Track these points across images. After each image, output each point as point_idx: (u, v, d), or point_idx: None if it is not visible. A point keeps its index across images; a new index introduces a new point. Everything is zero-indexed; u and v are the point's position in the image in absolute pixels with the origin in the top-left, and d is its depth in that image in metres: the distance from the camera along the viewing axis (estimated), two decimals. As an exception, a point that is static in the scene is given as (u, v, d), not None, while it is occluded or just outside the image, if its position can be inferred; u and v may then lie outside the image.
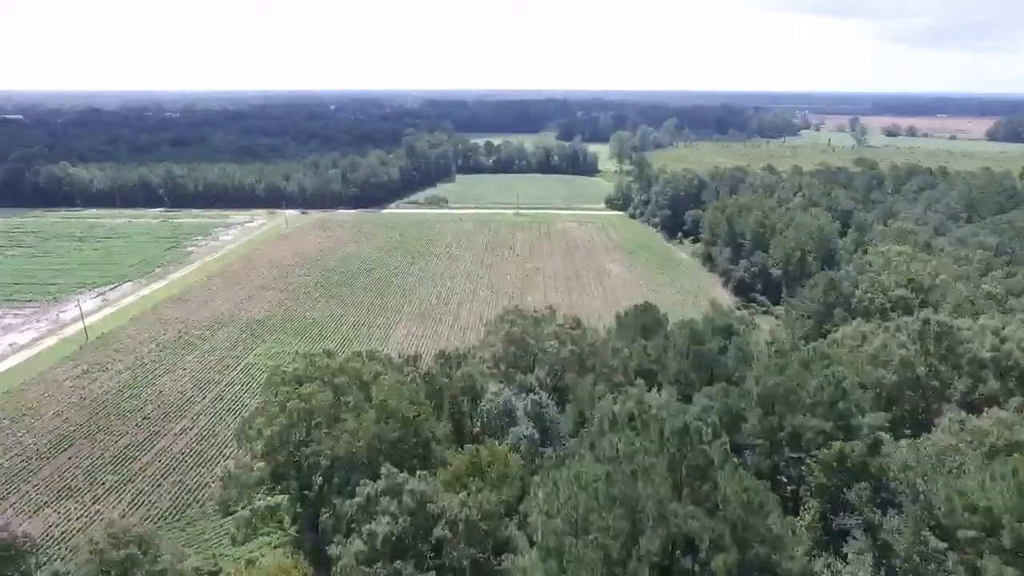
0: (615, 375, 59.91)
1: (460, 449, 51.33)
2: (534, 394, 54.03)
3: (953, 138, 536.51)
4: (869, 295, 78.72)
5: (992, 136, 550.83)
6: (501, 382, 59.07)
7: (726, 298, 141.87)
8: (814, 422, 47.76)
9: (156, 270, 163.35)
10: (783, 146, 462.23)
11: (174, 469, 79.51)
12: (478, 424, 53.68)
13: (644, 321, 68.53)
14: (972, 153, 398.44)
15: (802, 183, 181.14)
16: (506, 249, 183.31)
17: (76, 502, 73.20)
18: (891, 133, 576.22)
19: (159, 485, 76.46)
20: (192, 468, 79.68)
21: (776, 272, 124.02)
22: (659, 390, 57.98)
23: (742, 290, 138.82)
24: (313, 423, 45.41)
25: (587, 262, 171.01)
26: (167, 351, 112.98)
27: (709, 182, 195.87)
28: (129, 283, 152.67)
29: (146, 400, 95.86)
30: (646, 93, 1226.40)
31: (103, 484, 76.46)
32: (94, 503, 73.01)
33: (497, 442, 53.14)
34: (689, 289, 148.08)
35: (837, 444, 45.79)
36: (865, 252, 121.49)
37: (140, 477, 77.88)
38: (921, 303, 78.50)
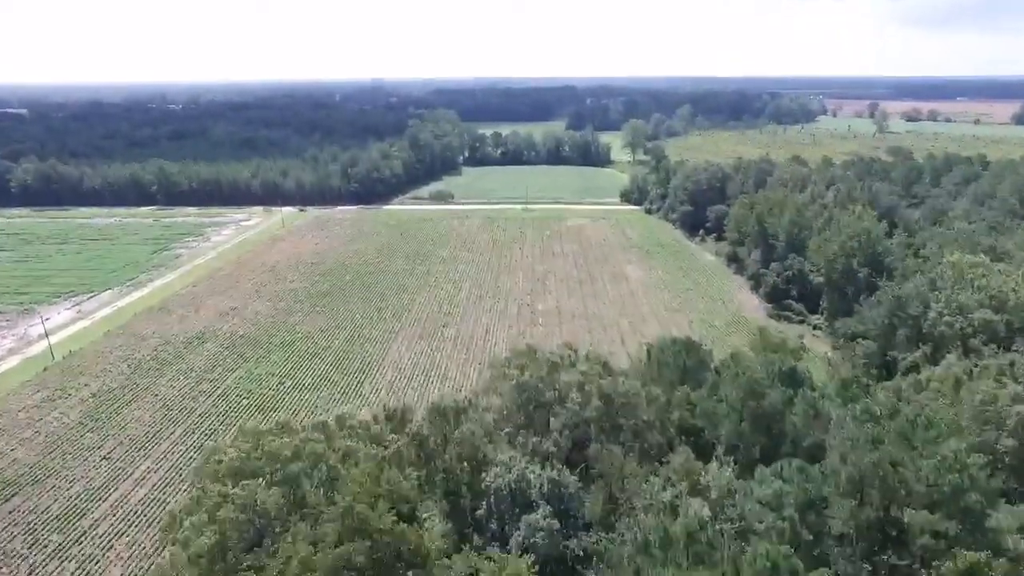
0: (651, 434, 48.08)
1: (460, 543, 39.69)
2: (551, 468, 42.27)
3: (977, 122, 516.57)
4: (947, 318, 66.17)
5: (1019, 120, 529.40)
6: (509, 444, 47.27)
7: (756, 304, 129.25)
8: (931, 519, 35.37)
9: (140, 276, 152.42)
10: (801, 133, 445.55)
11: (130, 526, 68.33)
12: (482, 505, 42.12)
13: (683, 360, 56.48)
14: (1000, 139, 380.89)
15: (835, 176, 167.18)
16: (515, 250, 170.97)
17: (8, 572, 62.21)
18: (912, 118, 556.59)
19: (110, 547, 65.32)
20: (150, 525, 68.32)
21: (816, 279, 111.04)
22: (707, 455, 46.24)
23: (775, 297, 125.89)
24: (255, 534, 34.17)
25: (602, 264, 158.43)
26: (139, 373, 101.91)
27: (733, 175, 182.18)
28: (109, 291, 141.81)
29: (108, 435, 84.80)
30: (656, 79, 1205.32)
31: (45, 547, 65.43)
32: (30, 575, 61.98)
33: (505, 527, 41.41)
34: (715, 295, 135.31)
35: (968, 555, 33.42)
36: (916, 255, 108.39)
37: (90, 537, 66.78)
38: (1008, 327, 65.77)
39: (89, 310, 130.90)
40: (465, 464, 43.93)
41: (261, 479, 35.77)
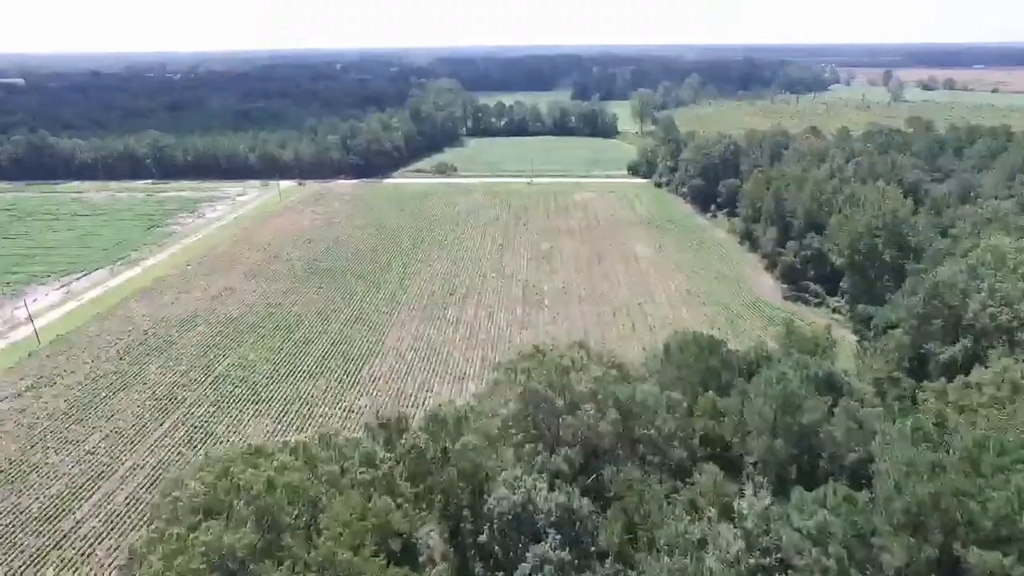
0: (672, 447, 43.36)
1: (460, 570, 35.28)
2: (561, 489, 37.65)
3: (995, 91, 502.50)
4: (990, 309, 60.88)
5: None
6: (515, 456, 42.67)
7: (771, 286, 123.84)
8: (999, 560, 30.61)
9: (131, 255, 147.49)
10: (814, 102, 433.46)
11: (113, 528, 64.53)
12: (484, 530, 37.68)
13: (705, 361, 51.28)
14: (1020, 108, 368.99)
15: (854, 149, 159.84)
16: (519, 226, 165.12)
17: (-17, 580, 58.61)
18: (927, 87, 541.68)
19: (90, 553, 61.58)
20: (135, 527, 64.37)
21: (838, 261, 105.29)
22: (734, 470, 41.64)
23: (792, 278, 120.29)
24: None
25: (610, 240, 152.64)
26: (128, 359, 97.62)
27: (746, 147, 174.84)
28: (100, 271, 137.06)
29: (94, 427, 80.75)
30: (663, 47, 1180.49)
31: (22, 551, 61.73)
32: (5, 582, 58.35)
33: (510, 554, 36.99)
34: (729, 274, 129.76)
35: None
36: (945, 235, 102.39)
37: (70, 540, 63.05)
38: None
39: (78, 290, 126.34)
40: (465, 484, 39.41)
41: (229, 519, 31.16)
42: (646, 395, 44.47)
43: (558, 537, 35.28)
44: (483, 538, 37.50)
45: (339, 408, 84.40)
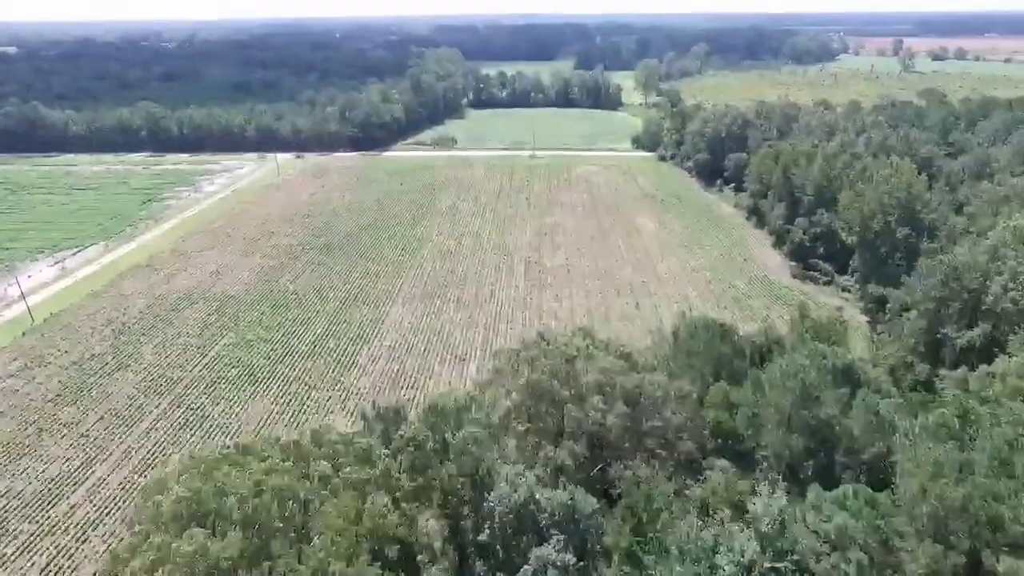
0: (682, 440, 41.56)
1: (460, 568, 33.72)
2: (565, 487, 35.86)
3: (1008, 61, 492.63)
4: (1012, 293, 58.49)
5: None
6: (518, 450, 40.95)
7: (779, 263, 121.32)
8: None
9: (127, 229, 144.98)
10: (822, 73, 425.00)
11: (107, 513, 63.31)
12: (485, 529, 36.06)
13: (715, 349, 49.06)
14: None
15: (865, 122, 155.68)
16: (521, 200, 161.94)
17: (-25, 567, 57.51)
18: (938, 57, 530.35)
19: (85, 539, 60.42)
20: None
21: (849, 238, 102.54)
22: (745, 463, 39.87)
23: (801, 255, 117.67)
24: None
25: (613, 215, 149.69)
26: (123, 338, 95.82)
27: (754, 120, 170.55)
28: (95, 246, 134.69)
29: (88, 408, 79.25)
30: (669, 16, 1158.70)
31: (15, 538, 60.58)
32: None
33: (513, 555, 35.39)
34: (736, 252, 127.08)
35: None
36: (959, 212, 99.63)
37: (63, 526, 61.83)
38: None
39: (73, 267, 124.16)
40: (464, 485, 37.66)
41: (215, 525, 29.37)
42: (655, 386, 42.50)
43: (562, 538, 33.65)
44: (483, 537, 35.92)
45: (338, 390, 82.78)
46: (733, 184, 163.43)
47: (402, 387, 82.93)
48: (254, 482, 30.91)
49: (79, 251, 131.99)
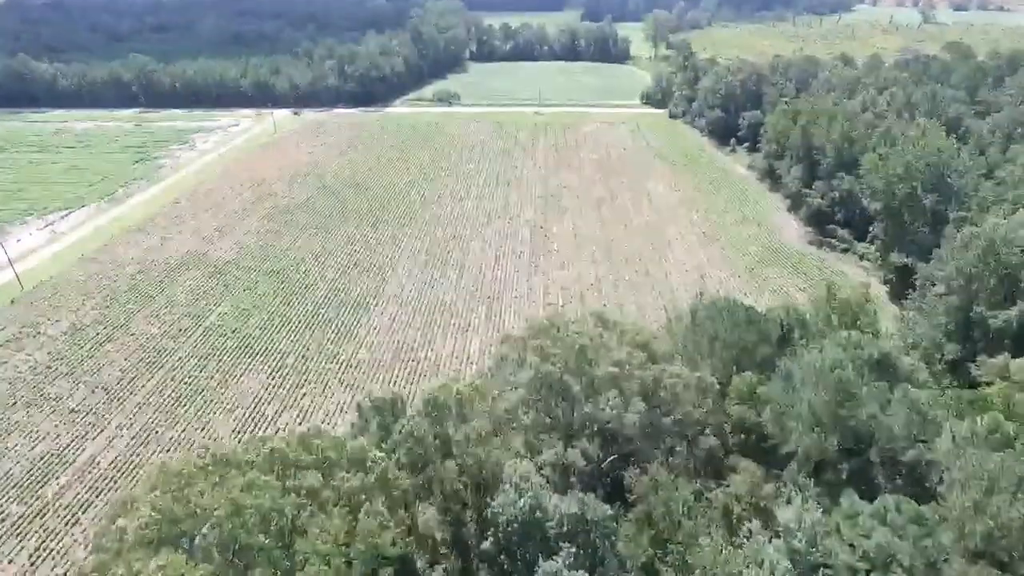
0: (702, 438, 38.34)
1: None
2: (576, 492, 32.78)
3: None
4: (1056, 271, 54.50)
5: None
6: (526, 446, 37.73)
7: (795, 228, 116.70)
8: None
9: (119, 190, 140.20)
10: (838, 25, 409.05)
11: (98, 495, 61.19)
12: (489, 536, 33.22)
13: (738, 335, 45.14)
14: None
15: (887, 78, 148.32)
16: (526, 160, 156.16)
17: (-39, 552, 55.51)
18: (960, 7, 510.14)
19: (75, 522, 58.39)
20: (121, 493, 61.07)
21: (872, 205, 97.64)
22: (770, 460, 36.72)
23: (818, 220, 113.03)
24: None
25: (623, 176, 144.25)
26: (115, 306, 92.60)
27: (770, 76, 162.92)
28: (85, 208, 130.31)
29: (79, 381, 76.62)
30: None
31: (4, 520, 58.54)
32: (-16, 554, 55.24)
33: (518, 565, 32.53)
34: (749, 216, 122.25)
35: None
36: (989, 177, 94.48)
37: (53, 508, 59.77)
38: None
39: (63, 230, 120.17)
40: (467, 485, 34.75)
41: (189, 550, 26.47)
42: (674, 378, 39.10)
43: (572, 551, 30.76)
44: (487, 545, 33.13)
45: (336, 363, 79.87)
46: (747, 144, 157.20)
47: (403, 361, 79.99)
48: (232, 501, 27.84)
49: (69, 213, 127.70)
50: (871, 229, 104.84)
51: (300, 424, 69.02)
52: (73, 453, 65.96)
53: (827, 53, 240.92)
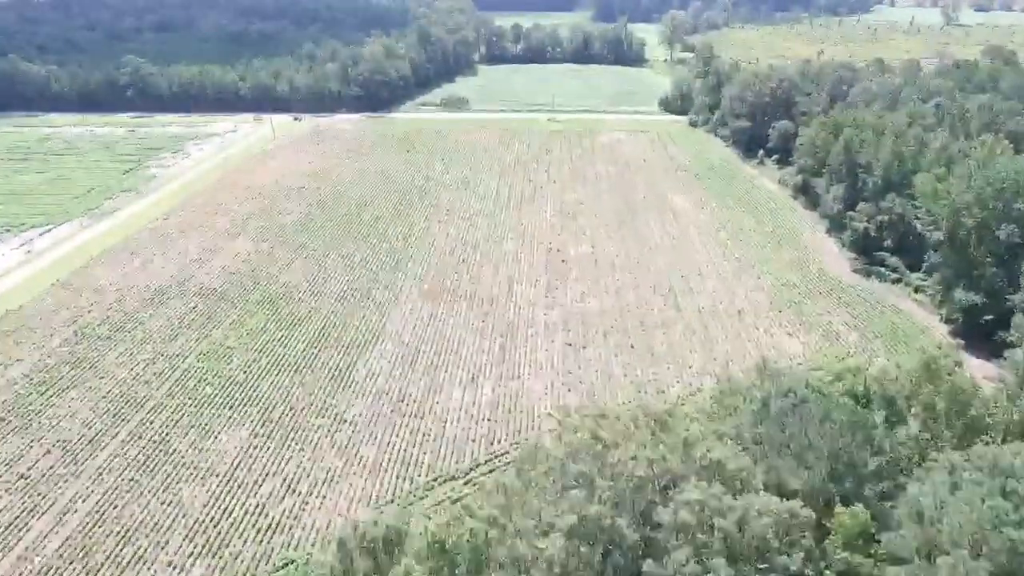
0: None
1: None
2: None
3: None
4: None
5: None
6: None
7: (836, 253, 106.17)
8: None
9: (105, 203, 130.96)
10: (858, 26, 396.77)
11: (39, 591, 51.46)
12: None
13: (838, 441, 34.53)
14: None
15: (931, 87, 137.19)
16: (540, 173, 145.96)
17: None
18: (981, 8, 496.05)
19: (8, 630, 48.70)
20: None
21: (933, 234, 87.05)
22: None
23: (862, 246, 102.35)
24: None
25: (644, 191, 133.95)
26: (85, 343, 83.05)
27: (800, 83, 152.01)
28: (68, 223, 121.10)
29: (33, 438, 67.02)
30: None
31: (-78, 626, 48.95)
32: None
33: None
34: (784, 238, 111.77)
35: None
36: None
37: (-16, 609, 50.16)
38: None
39: (41, 248, 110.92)
40: None
41: None
42: (763, 516, 29.08)
43: None
44: None
45: (328, 416, 70.05)
46: (776, 156, 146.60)
47: (404, 416, 70.06)
48: None
49: (50, 229, 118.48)
50: (926, 258, 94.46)
51: (283, 498, 59.37)
52: (16, 534, 56.33)
53: (849, 56, 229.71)
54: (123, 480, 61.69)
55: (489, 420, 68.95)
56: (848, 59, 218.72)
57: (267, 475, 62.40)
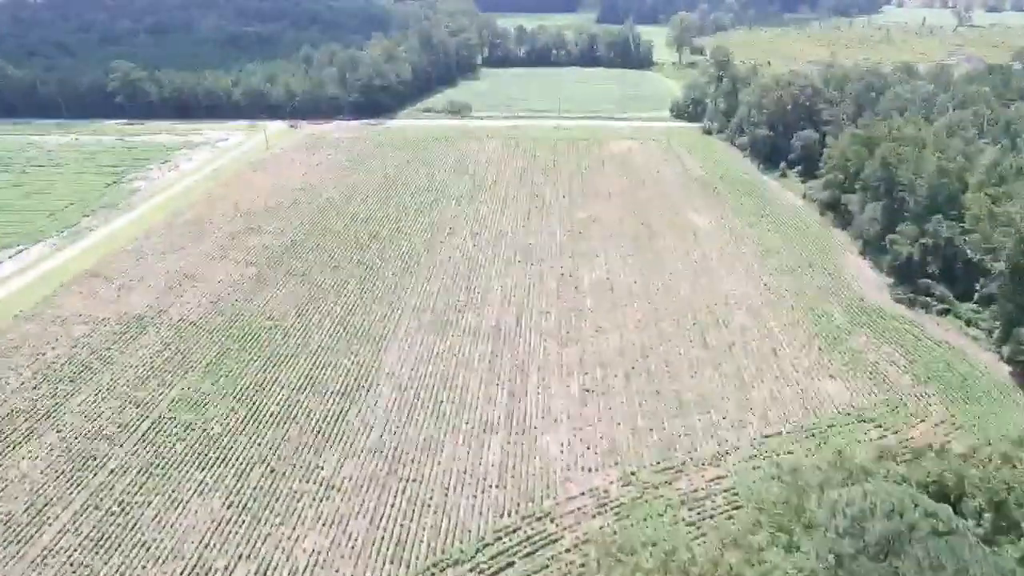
0: None
1: None
2: None
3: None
4: None
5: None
6: None
7: (872, 279, 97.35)
8: None
9: (82, 220, 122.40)
10: (867, 27, 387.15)
11: None
12: None
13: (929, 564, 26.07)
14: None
15: (966, 94, 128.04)
16: (547, 185, 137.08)
17: None
18: (993, 8, 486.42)
19: None
20: None
21: (991, 263, 78.11)
22: None
23: (904, 273, 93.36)
24: None
25: (659, 207, 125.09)
26: (45, 387, 74.41)
27: (825, 90, 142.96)
28: (40, 244, 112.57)
29: (-26, 510, 58.29)
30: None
31: None
32: None
33: None
34: (816, 261, 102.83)
35: None
36: None
37: None
38: None
39: (6, 274, 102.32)
40: None
41: None
42: None
43: None
44: None
45: (313, 481, 61.26)
46: (799, 168, 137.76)
47: (400, 480, 61.24)
48: None
49: (20, 251, 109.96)
50: (977, 287, 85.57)
51: (257, 591, 50.61)
52: (-60, 638, 47.73)
53: (864, 59, 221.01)
54: (73, 564, 52.96)
55: (497, 487, 60.11)
56: (863, 60, 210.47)
57: (240, 558, 53.62)
